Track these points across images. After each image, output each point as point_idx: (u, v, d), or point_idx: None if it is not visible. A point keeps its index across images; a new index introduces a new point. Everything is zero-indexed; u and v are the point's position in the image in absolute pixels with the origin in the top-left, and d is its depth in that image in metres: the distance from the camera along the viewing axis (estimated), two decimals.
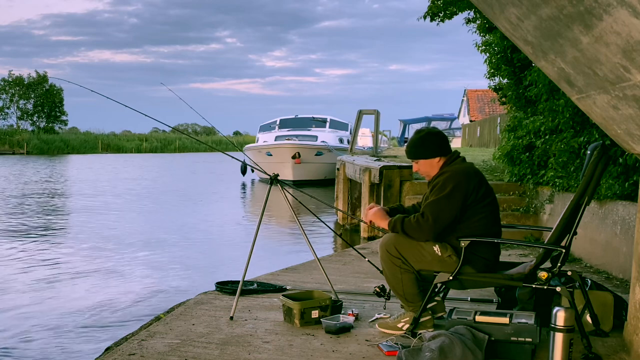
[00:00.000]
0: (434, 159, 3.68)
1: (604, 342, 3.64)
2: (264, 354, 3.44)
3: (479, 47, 10.08)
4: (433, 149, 3.69)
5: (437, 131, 3.84)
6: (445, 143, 3.73)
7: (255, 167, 5.46)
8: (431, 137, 3.73)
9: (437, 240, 3.60)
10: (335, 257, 6.80)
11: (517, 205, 8.28)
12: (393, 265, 3.65)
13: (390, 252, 3.64)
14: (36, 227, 11.42)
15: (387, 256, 3.66)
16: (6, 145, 52.75)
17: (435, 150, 3.69)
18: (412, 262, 3.62)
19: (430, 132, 3.79)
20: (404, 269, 3.63)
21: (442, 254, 3.58)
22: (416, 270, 3.64)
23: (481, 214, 3.59)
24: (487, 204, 3.62)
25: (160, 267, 8.05)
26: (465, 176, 3.57)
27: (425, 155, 3.70)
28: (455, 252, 3.57)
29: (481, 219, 3.59)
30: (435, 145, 3.69)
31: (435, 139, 3.73)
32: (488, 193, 3.64)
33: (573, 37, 2.56)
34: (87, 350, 4.76)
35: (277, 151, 22.79)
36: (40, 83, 64.92)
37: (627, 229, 5.26)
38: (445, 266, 3.58)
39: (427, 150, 3.70)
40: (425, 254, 3.60)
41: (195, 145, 65.72)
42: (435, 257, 3.59)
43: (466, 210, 3.56)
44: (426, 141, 3.72)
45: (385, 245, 3.68)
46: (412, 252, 3.61)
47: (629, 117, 2.83)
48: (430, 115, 43.27)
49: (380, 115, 17.94)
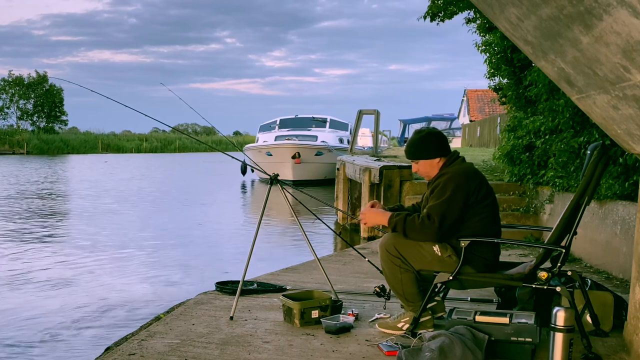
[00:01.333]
0: (434, 159, 3.68)
1: (604, 342, 3.64)
2: (264, 354, 3.44)
3: (479, 47, 10.08)
4: (433, 149, 3.68)
5: (437, 131, 3.84)
6: (445, 143, 3.72)
7: (255, 167, 5.46)
8: (431, 137, 3.73)
9: (438, 241, 3.60)
10: (335, 257, 6.80)
11: (517, 205, 8.28)
12: (393, 264, 3.65)
13: (390, 251, 3.64)
14: (35, 228, 11.42)
15: (387, 256, 3.66)
16: (6, 145, 52.74)
17: (435, 150, 3.68)
18: (412, 261, 3.62)
19: (430, 132, 3.78)
20: (403, 268, 3.63)
21: (442, 254, 3.58)
22: (416, 270, 3.64)
23: (481, 214, 3.59)
24: (487, 205, 3.62)
25: (160, 267, 8.05)
26: (466, 177, 3.57)
27: (425, 156, 3.69)
28: (455, 252, 3.57)
29: (482, 219, 3.59)
30: (435, 145, 3.69)
31: (435, 139, 3.72)
32: (488, 193, 3.65)
33: (573, 37, 2.56)
34: (87, 350, 4.75)
35: (277, 151, 22.78)
36: (40, 83, 64.92)
37: (627, 229, 5.26)
38: (445, 266, 3.58)
39: (427, 151, 3.69)
40: (425, 254, 3.60)
41: (195, 145, 65.73)
42: (435, 257, 3.59)
43: (467, 210, 3.56)
44: (426, 141, 3.71)
45: (385, 245, 3.68)
46: (412, 252, 3.61)
47: (629, 117, 2.83)
48: (430, 115, 43.26)
49: (380, 115, 17.95)
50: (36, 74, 65.25)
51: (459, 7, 10.71)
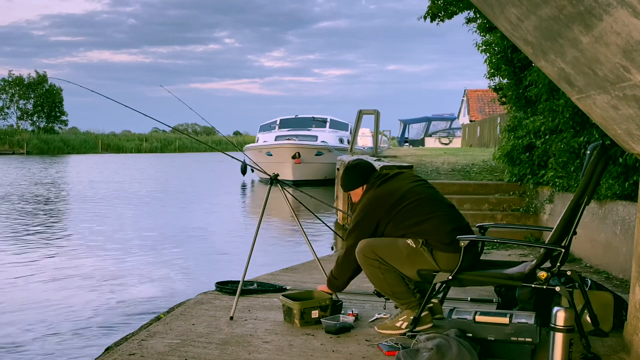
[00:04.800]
0: (358, 188, 4.03)
1: (604, 342, 3.64)
2: (264, 354, 3.44)
3: (479, 47, 10.08)
4: (355, 180, 4.03)
5: (356, 163, 4.13)
6: (365, 172, 4.03)
7: (255, 167, 5.46)
8: (352, 170, 4.06)
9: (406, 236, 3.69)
10: (335, 257, 6.79)
11: (517, 205, 8.28)
12: (372, 267, 3.73)
13: (367, 255, 3.74)
14: (35, 228, 11.42)
15: (365, 260, 3.75)
16: (6, 145, 52.71)
17: (357, 181, 4.02)
18: (390, 260, 3.69)
19: (352, 165, 4.11)
20: (383, 269, 3.70)
21: (416, 245, 3.66)
22: (398, 268, 3.69)
23: (413, 217, 3.70)
24: (412, 207, 3.72)
25: (160, 267, 8.05)
26: (375, 201, 3.82)
27: (351, 187, 4.06)
28: (426, 244, 3.64)
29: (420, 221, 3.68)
30: (356, 176, 4.02)
31: (355, 171, 4.04)
32: (409, 198, 3.76)
33: (573, 37, 2.56)
34: (87, 350, 4.75)
35: (277, 151, 22.77)
36: (40, 83, 64.86)
37: (627, 229, 5.26)
38: (421, 257, 3.64)
39: (350, 182, 4.05)
40: (401, 248, 3.68)
41: (195, 145, 65.70)
42: (411, 250, 3.66)
43: (395, 217, 3.74)
44: (349, 174, 4.06)
45: (361, 250, 3.78)
46: (388, 251, 3.69)
47: (629, 117, 2.83)
48: (430, 115, 43.26)
49: (380, 115, 17.94)
50: (36, 74, 65.21)
51: (459, 7, 10.70)
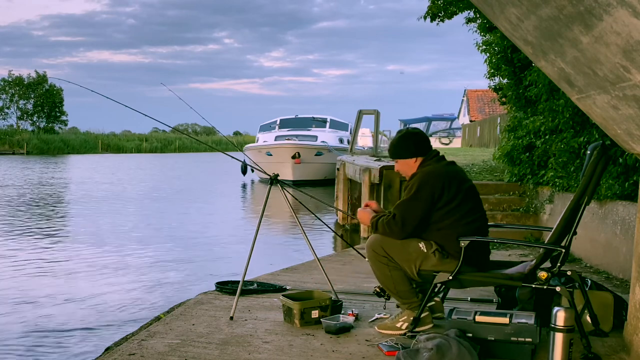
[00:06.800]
0: (411, 159, 3.70)
1: (604, 342, 3.64)
2: (264, 354, 3.44)
3: (479, 47, 10.07)
4: (409, 149, 3.71)
5: (417, 131, 3.84)
6: (423, 143, 3.73)
7: (255, 167, 5.46)
8: (409, 137, 3.75)
9: (422, 238, 3.61)
10: (335, 257, 6.81)
11: (517, 205, 8.27)
12: (380, 263, 3.68)
13: (376, 251, 3.68)
14: (35, 227, 11.42)
15: (374, 255, 3.70)
16: (6, 145, 52.70)
17: (412, 150, 3.70)
18: (398, 259, 3.65)
19: (409, 132, 3.81)
20: (391, 266, 3.66)
21: (427, 250, 3.60)
22: (403, 268, 3.65)
23: (454, 213, 3.56)
24: (458, 204, 3.56)
25: (160, 267, 8.05)
26: (434, 177, 3.57)
27: (402, 155, 3.74)
28: (439, 249, 3.58)
29: (458, 219, 3.56)
30: (412, 145, 3.71)
31: (413, 139, 3.74)
32: (461, 192, 3.59)
33: (573, 37, 2.56)
34: (87, 350, 4.76)
35: (277, 151, 22.78)
36: (40, 83, 64.85)
37: (627, 229, 5.26)
38: (431, 262, 3.59)
39: (404, 151, 3.73)
40: (410, 251, 3.62)
41: (195, 145, 65.67)
42: (421, 254, 3.60)
43: (436, 209, 3.55)
44: (403, 141, 3.74)
45: (371, 245, 3.72)
46: (398, 250, 3.64)
47: (629, 117, 2.83)
48: (430, 115, 43.23)
49: (380, 115, 17.93)
50: (36, 74, 65.21)
51: (459, 7, 10.70)
